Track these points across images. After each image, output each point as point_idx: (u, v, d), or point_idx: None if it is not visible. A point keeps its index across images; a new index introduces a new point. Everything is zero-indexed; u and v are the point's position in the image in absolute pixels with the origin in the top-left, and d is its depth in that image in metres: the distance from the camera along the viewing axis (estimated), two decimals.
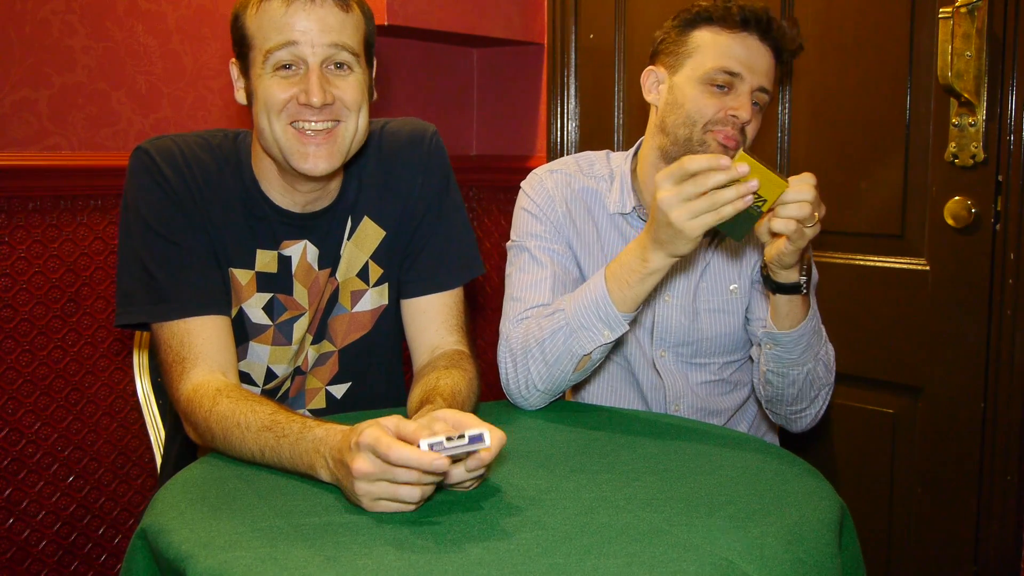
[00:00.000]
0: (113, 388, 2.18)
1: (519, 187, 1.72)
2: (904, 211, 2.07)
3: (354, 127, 1.33)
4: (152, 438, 1.69)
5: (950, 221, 1.98)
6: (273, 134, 1.31)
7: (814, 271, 1.63)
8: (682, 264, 1.62)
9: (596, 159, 1.72)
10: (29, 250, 2.03)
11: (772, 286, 1.43)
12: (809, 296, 1.45)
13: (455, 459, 1.03)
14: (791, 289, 1.41)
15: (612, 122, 2.60)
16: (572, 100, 2.69)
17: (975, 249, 1.96)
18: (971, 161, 1.94)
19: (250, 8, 1.31)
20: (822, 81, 2.18)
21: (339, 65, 1.31)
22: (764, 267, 1.44)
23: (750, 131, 1.55)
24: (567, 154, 2.69)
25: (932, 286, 2.03)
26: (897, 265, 2.09)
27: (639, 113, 2.55)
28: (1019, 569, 1.94)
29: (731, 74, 1.52)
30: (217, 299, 1.36)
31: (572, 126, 2.70)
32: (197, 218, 1.36)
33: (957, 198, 1.97)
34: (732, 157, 1.49)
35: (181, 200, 1.35)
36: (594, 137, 2.64)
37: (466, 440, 1.00)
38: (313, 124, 1.30)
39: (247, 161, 1.42)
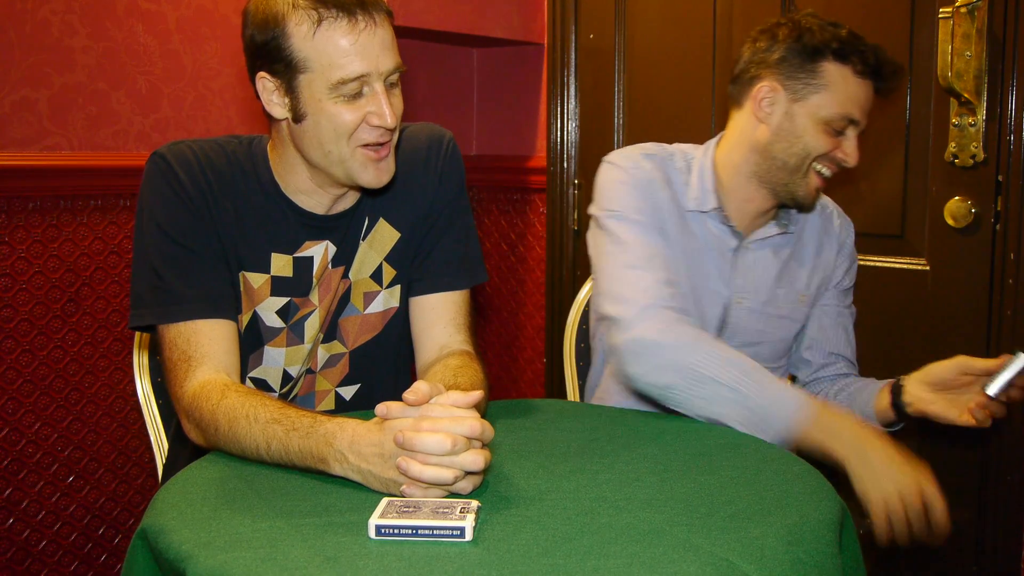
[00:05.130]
0: (113, 388, 2.18)
1: (599, 166, 1.65)
2: (904, 211, 2.07)
3: (398, 138, 1.38)
4: (152, 438, 1.69)
5: (950, 221, 1.98)
6: (340, 155, 1.32)
7: None
8: (762, 267, 1.64)
9: (673, 151, 1.66)
10: (29, 250, 2.03)
11: (902, 416, 1.56)
12: None
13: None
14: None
15: (612, 122, 2.60)
16: (572, 100, 2.69)
17: (975, 249, 1.96)
18: (971, 161, 1.94)
19: (296, 26, 1.26)
20: None
21: (391, 83, 1.34)
22: (909, 403, 1.54)
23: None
24: (567, 154, 2.69)
25: (932, 286, 2.03)
26: (897, 265, 2.09)
27: (639, 113, 2.55)
28: (1019, 569, 1.94)
29: (851, 121, 1.52)
30: (226, 303, 1.37)
31: (572, 126, 2.70)
32: (210, 223, 1.37)
33: (957, 198, 1.97)
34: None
35: (195, 204, 1.36)
36: (594, 137, 2.64)
37: (439, 529, 0.96)
38: (381, 141, 1.33)
39: (264, 166, 1.43)
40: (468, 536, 0.96)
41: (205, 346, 1.32)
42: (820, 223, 1.71)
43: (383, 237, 1.50)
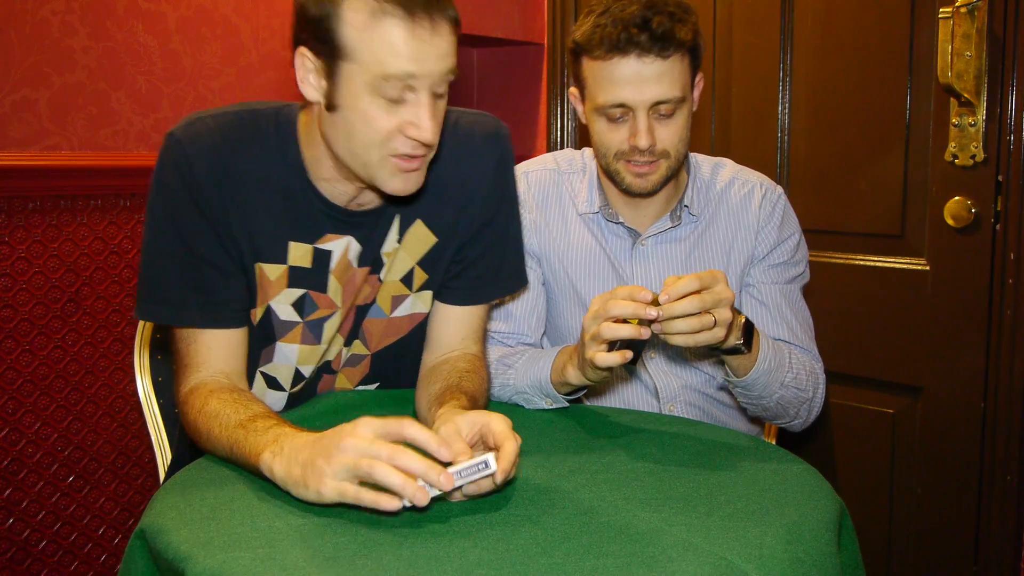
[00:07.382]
0: (113, 388, 2.18)
1: None
2: (904, 211, 2.07)
3: (435, 151, 1.27)
4: (152, 438, 1.69)
5: (950, 221, 1.98)
6: (366, 158, 1.22)
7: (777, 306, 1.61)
8: (663, 260, 1.61)
9: (573, 155, 1.69)
10: (29, 250, 2.03)
11: (712, 351, 1.43)
12: (755, 345, 1.41)
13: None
14: (731, 351, 1.39)
15: None
16: None
17: (975, 249, 1.96)
18: (971, 161, 1.94)
19: (352, 12, 1.15)
20: (822, 81, 2.18)
21: (439, 94, 1.22)
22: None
23: (666, 140, 1.47)
24: None
25: (932, 286, 2.03)
26: (897, 265, 2.09)
27: None
28: (1019, 570, 1.94)
29: (619, 106, 1.45)
30: (229, 312, 1.32)
31: (572, 126, 2.70)
32: (223, 220, 1.29)
33: (957, 198, 1.97)
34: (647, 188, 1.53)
35: (208, 201, 1.28)
36: None
37: (474, 466, 1.02)
38: (415, 154, 1.22)
39: (291, 144, 1.32)
40: (493, 466, 1.02)
41: (202, 355, 1.30)
42: (737, 204, 1.62)
43: (418, 240, 1.41)
